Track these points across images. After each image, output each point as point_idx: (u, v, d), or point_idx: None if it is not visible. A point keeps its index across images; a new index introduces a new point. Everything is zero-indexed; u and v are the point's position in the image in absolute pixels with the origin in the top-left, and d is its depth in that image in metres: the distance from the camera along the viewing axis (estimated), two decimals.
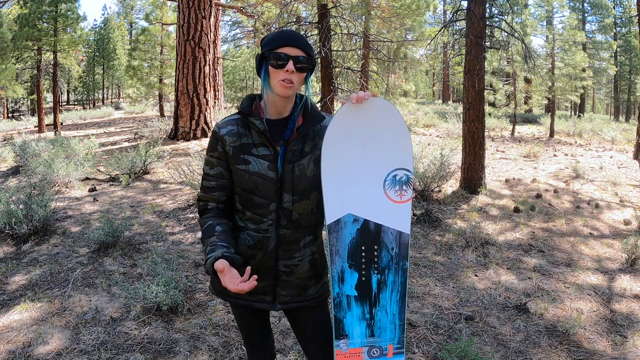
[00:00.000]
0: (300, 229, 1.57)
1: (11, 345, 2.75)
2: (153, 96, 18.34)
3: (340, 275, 1.58)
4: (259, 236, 1.55)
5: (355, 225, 1.57)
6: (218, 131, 1.55)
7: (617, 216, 5.60)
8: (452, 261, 4.22)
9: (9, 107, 31.54)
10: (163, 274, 3.40)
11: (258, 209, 1.54)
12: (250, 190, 1.53)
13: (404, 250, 1.57)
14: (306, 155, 1.54)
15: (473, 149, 6.32)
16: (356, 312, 1.60)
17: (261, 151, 1.51)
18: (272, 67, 1.46)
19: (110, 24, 33.82)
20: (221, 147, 1.55)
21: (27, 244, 4.34)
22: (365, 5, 10.22)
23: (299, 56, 1.46)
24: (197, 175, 5.67)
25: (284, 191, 1.52)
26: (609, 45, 27.30)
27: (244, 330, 1.76)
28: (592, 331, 3.06)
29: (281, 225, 1.54)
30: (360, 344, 1.62)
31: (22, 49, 16.57)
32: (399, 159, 1.54)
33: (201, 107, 10.28)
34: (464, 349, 2.64)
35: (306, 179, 1.53)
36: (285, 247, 1.56)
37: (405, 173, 1.55)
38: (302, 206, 1.55)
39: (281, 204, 1.53)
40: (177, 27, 10.59)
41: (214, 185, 1.58)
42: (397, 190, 1.55)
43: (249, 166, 1.51)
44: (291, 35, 1.48)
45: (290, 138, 1.52)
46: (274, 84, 1.47)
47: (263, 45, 1.51)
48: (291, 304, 1.63)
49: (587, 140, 13.45)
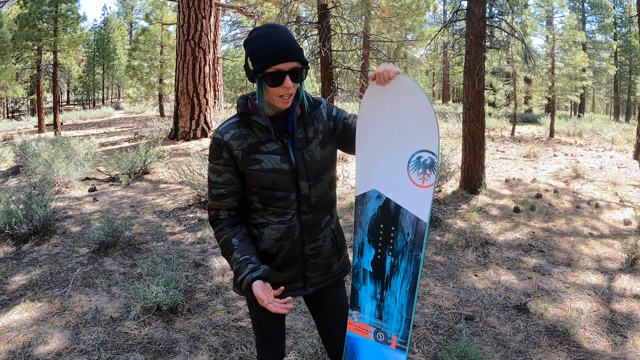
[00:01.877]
0: (319, 210, 1.62)
1: (11, 345, 2.75)
2: (153, 96, 18.34)
3: (360, 247, 1.65)
4: (284, 227, 1.58)
5: (378, 202, 1.60)
6: (221, 137, 1.52)
7: (617, 216, 5.60)
8: (452, 261, 4.22)
9: (9, 107, 31.53)
10: (163, 274, 3.40)
11: (280, 202, 1.56)
12: (269, 187, 1.54)
13: (419, 239, 1.56)
14: (311, 141, 1.57)
15: (473, 149, 6.32)
16: (369, 289, 1.65)
17: (270, 147, 1.53)
18: (269, 85, 1.43)
19: (110, 24, 33.83)
20: (227, 153, 1.53)
21: (27, 244, 4.34)
22: (365, 5, 10.22)
23: (294, 68, 1.43)
24: (197, 175, 5.67)
25: (300, 179, 1.56)
26: (609, 45, 27.30)
27: (265, 329, 1.76)
28: (592, 331, 3.06)
29: (303, 211, 1.59)
30: (369, 322, 1.67)
31: (22, 49, 16.58)
32: (424, 140, 1.52)
33: (201, 107, 10.28)
34: (464, 349, 2.64)
35: (317, 163, 1.58)
36: (309, 231, 1.61)
37: (429, 156, 1.52)
38: (318, 189, 1.60)
39: (300, 192, 1.57)
40: (177, 27, 10.59)
41: (224, 192, 1.57)
42: (420, 173, 1.53)
43: (261, 164, 1.52)
44: (282, 50, 1.41)
45: (293, 129, 1.55)
46: (273, 99, 1.48)
47: (253, 60, 1.43)
48: (320, 284, 1.70)
49: (587, 140, 13.45)
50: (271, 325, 1.75)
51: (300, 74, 1.47)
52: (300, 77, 1.47)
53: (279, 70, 1.41)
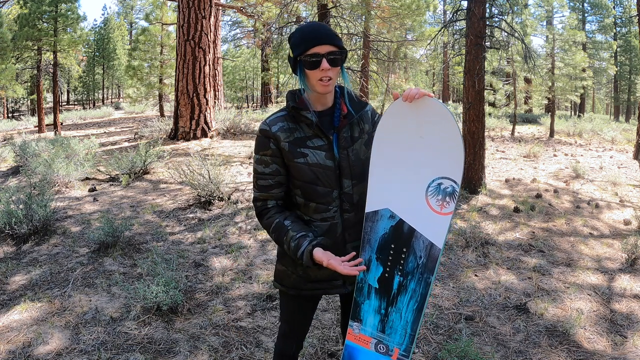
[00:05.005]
0: (362, 209, 1.62)
1: (11, 345, 2.75)
2: (153, 96, 18.35)
3: (366, 263, 1.61)
4: (326, 225, 1.60)
5: (391, 222, 1.57)
6: (269, 129, 1.56)
7: (617, 216, 5.60)
8: (452, 261, 4.22)
9: (9, 107, 31.53)
10: (163, 274, 3.40)
11: (322, 198, 1.58)
12: (311, 181, 1.57)
13: (432, 263, 1.53)
14: (357, 140, 1.61)
15: (473, 149, 6.32)
16: (373, 304, 1.62)
17: (316, 142, 1.56)
18: (308, 68, 1.51)
19: (110, 24, 33.83)
20: (274, 144, 1.56)
21: (27, 244, 4.34)
22: (365, 5, 10.22)
23: (331, 52, 1.50)
24: (197, 175, 5.67)
25: (343, 177, 1.58)
26: (609, 45, 27.30)
27: (299, 321, 1.79)
28: (592, 331, 3.06)
29: (345, 210, 1.60)
30: (370, 334, 1.65)
31: (22, 49, 16.57)
32: (447, 167, 1.48)
33: (201, 107, 10.28)
34: (464, 349, 2.64)
35: (361, 162, 1.60)
36: (351, 229, 1.63)
37: (451, 184, 1.49)
38: (361, 188, 1.61)
39: (342, 190, 1.59)
40: (177, 27, 10.60)
41: (272, 183, 1.60)
42: (440, 200, 1.51)
43: (307, 158, 1.55)
44: (319, 33, 1.50)
45: (339, 126, 1.59)
46: (313, 84, 1.53)
47: (293, 47, 1.54)
48: None
49: (587, 140, 13.45)
50: (304, 317, 1.79)
51: (338, 59, 1.51)
52: (337, 62, 1.51)
53: (316, 53, 1.48)
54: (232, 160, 8.27)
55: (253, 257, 4.22)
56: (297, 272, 1.68)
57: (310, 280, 1.67)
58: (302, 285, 1.68)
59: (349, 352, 1.69)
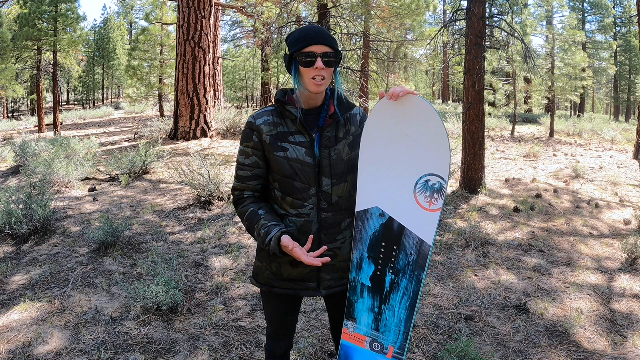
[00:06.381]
0: (341, 211, 1.63)
1: (11, 345, 2.75)
2: (153, 96, 18.34)
3: (359, 262, 1.62)
4: (301, 221, 1.60)
5: (381, 220, 1.58)
6: (254, 122, 1.61)
7: (617, 216, 5.60)
8: (452, 261, 4.22)
9: (9, 107, 31.53)
10: (163, 274, 3.41)
11: (298, 194, 1.59)
12: (289, 176, 1.58)
13: (422, 260, 1.54)
14: (341, 140, 1.62)
15: (473, 148, 6.32)
16: (367, 302, 1.63)
17: (298, 139, 1.58)
18: (302, 66, 1.53)
19: (110, 24, 33.82)
20: (257, 137, 1.60)
21: (27, 244, 4.34)
22: (365, 5, 10.22)
23: (326, 52, 1.52)
24: (197, 175, 5.67)
25: (323, 175, 1.59)
26: (609, 45, 27.28)
27: (279, 321, 1.78)
28: (592, 331, 3.06)
29: (322, 209, 1.60)
30: (365, 332, 1.66)
31: (22, 49, 16.57)
32: (434, 164, 1.50)
33: (201, 107, 10.28)
34: (464, 349, 2.64)
35: (343, 163, 1.61)
36: (328, 230, 1.62)
37: (438, 180, 1.50)
38: (341, 189, 1.62)
39: (320, 188, 1.60)
40: (177, 27, 10.59)
41: (250, 174, 1.63)
42: (428, 197, 1.52)
43: (287, 153, 1.57)
44: (316, 34, 1.53)
45: (324, 125, 1.60)
46: (306, 82, 1.55)
47: (290, 45, 1.57)
48: (335, 288, 1.69)
49: (587, 140, 13.45)
50: (285, 317, 1.77)
51: (333, 61, 1.54)
52: (332, 64, 1.54)
53: (311, 52, 1.51)
54: (232, 160, 8.27)
55: (253, 257, 4.22)
56: (271, 269, 1.67)
57: (282, 278, 1.66)
58: (274, 283, 1.68)
59: (345, 351, 1.70)
